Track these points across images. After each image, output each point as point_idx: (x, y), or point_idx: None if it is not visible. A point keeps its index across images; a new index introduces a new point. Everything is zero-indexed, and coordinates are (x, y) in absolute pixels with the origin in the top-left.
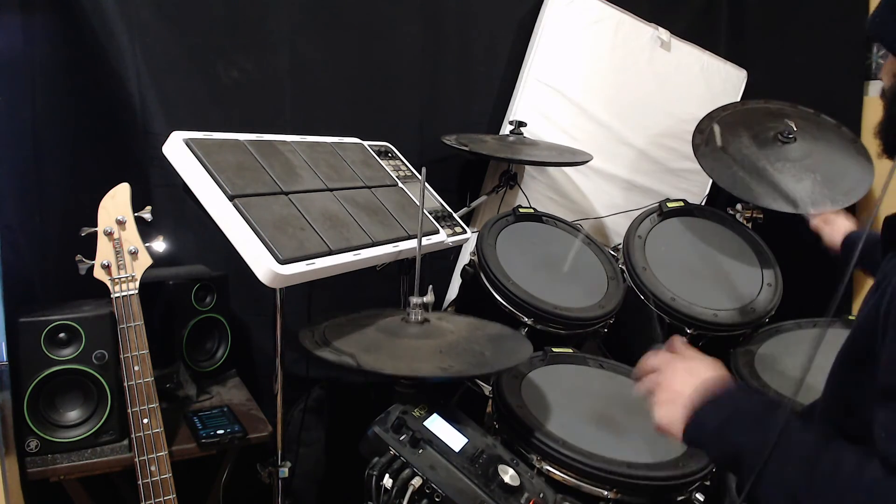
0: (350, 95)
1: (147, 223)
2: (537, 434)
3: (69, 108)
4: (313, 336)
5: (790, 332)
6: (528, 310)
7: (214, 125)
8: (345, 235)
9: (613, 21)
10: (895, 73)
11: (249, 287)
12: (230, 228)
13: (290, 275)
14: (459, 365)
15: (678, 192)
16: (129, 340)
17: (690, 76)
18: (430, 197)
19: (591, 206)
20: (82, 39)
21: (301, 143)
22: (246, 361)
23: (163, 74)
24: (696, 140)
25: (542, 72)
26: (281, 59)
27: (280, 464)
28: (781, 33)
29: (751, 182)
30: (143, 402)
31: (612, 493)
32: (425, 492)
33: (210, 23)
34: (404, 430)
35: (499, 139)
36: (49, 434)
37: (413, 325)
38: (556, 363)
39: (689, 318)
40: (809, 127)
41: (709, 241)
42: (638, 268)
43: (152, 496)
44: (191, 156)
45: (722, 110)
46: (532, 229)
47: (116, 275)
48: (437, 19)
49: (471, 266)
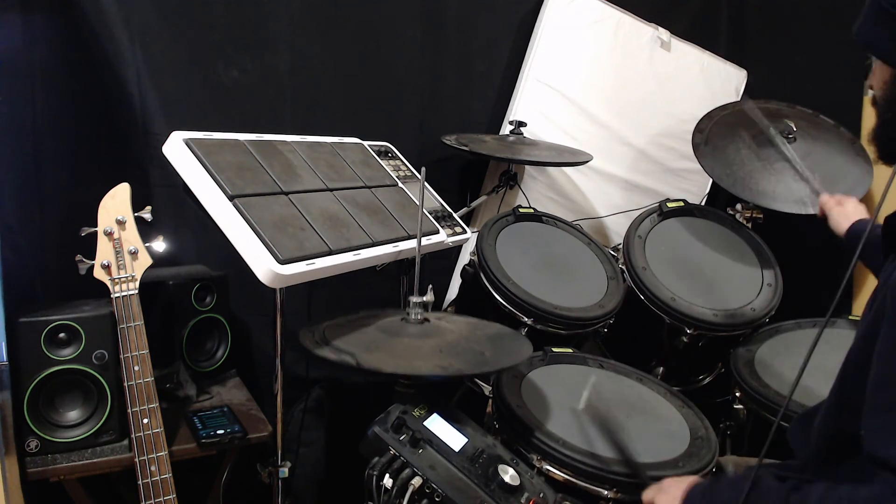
0: (350, 95)
1: (147, 223)
2: (537, 434)
3: (69, 108)
4: (313, 336)
5: (790, 332)
6: (528, 310)
7: (214, 125)
8: (345, 235)
9: (613, 21)
10: (886, 80)
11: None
12: (230, 228)
13: (290, 275)
14: (459, 364)
15: (678, 192)
16: (129, 340)
17: (690, 76)
18: (430, 197)
19: (591, 206)
20: (82, 40)
21: (301, 143)
22: (246, 361)
23: (163, 74)
24: (695, 139)
25: (542, 72)
26: (281, 59)
27: (280, 464)
28: (781, 33)
29: (751, 182)
30: (143, 402)
31: (612, 493)
32: (425, 491)
33: (210, 23)
34: (404, 430)
35: (499, 139)
36: (49, 434)
37: (413, 324)
38: (556, 363)
39: (689, 318)
40: (809, 127)
41: (709, 241)
42: (638, 268)
43: (152, 496)
44: (191, 156)
45: (721, 110)
46: (532, 229)
47: (116, 275)
48: (438, 19)
49: (471, 266)
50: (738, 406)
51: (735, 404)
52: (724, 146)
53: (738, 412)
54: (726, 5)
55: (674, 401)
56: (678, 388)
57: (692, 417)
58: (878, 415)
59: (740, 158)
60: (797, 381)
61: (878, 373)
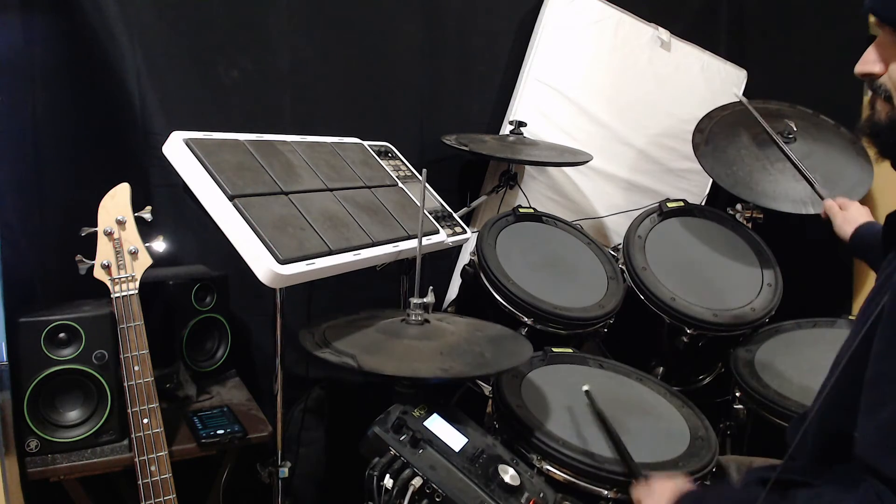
0: (350, 95)
1: (147, 223)
2: (537, 434)
3: (69, 109)
4: (313, 337)
5: (790, 332)
6: (528, 310)
7: (214, 125)
8: (345, 235)
9: (613, 21)
10: None
11: (249, 287)
12: (230, 228)
13: (290, 275)
14: (460, 366)
15: (678, 192)
16: (129, 340)
17: (690, 76)
18: (430, 197)
19: (591, 206)
20: (82, 40)
21: (301, 143)
22: (246, 361)
23: (163, 74)
24: (695, 139)
25: (542, 72)
26: (281, 59)
27: (280, 464)
28: (781, 33)
29: (751, 182)
30: (143, 402)
31: (612, 493)
32: (426, 492)
33: (210, 23)
34: (404, 431)
35: (499, 139)
36: (49, 434)
37: (413, 325)
38: (556, 363)
39: (689, 318)
40: (809, 127)
41: (709, 241)
42: (638, 268)
43: (152, 496)
44: (191, 156)
45: (722, 110)
46: (532, 229)
47: (116, 275)
48: (438, 19)
49: (471, 266)
50: (738, 406)
51: (735, 404)
52: (725, 146)
53: (738, 412)
54: (726, 5)
55: (674, 401)
56: (678, 388)
57: (692, 417)
58: (870, 416)
59: (740, 158)
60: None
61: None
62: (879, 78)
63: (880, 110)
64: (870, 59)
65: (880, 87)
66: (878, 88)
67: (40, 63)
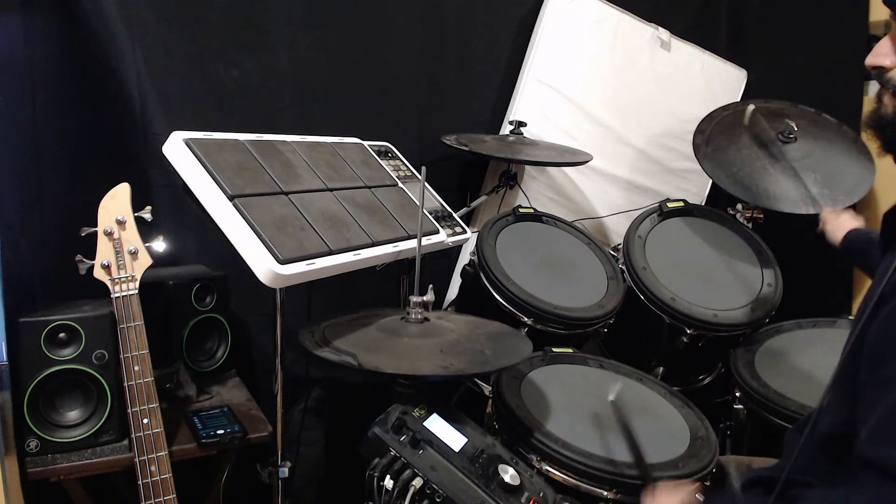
0: (350, 95)
1: (147, 223)
2: (537, 434)
3: (69, 108)
4: (313, 336)
5: (790, 332)
6: (528, 310)
7: (214, 125)
8: (345, 235)
9: (613, 21)
10: None
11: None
12: (230, 228)
13: (290, 275)
14: (460, 363)
15: (678, 192)
16: (129, 340)
17: (690, 76)
18: (430, 197)
19: (591, 206)
20: (82, 39)
21: (301, 143)
22: (246, 361)
23: (163, 74)
24: (696, 140)
25: (542, 72)
26: (281, 59)
27: (280, 464)
28: (781, 33)
29: (751, 182)
30: (143, 402)
31: (612, 494)
32: (426, 492)
33: (210, 23)
34: (404, 431)
35: (499, 139)
36: (49, 434)
37: (413, 324)
38: (556, 363)
39: (689, 318)
40: (810, 126)
41: (709, 241)
42: (638, 268)
43: (152, 496)
44: (191, 156)
45: (722, 110)
46: (532, 229)
47: (116, 275)
48: (438, 19)
49: (471, 266)
50: (738, 406)
51: (735, 404)
52: (725, 147)
53: (738, 412)
54: (726, 5)
55: (674, 401)
56: (678, 388)
57: (692, 417)
58: (868, 412)
59: (741, 159)
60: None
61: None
62: (889, 71)
63: (887, 104)
64: (881, 52)
65: (889, 80)
66: (887, 82)
67: (40, 63)
